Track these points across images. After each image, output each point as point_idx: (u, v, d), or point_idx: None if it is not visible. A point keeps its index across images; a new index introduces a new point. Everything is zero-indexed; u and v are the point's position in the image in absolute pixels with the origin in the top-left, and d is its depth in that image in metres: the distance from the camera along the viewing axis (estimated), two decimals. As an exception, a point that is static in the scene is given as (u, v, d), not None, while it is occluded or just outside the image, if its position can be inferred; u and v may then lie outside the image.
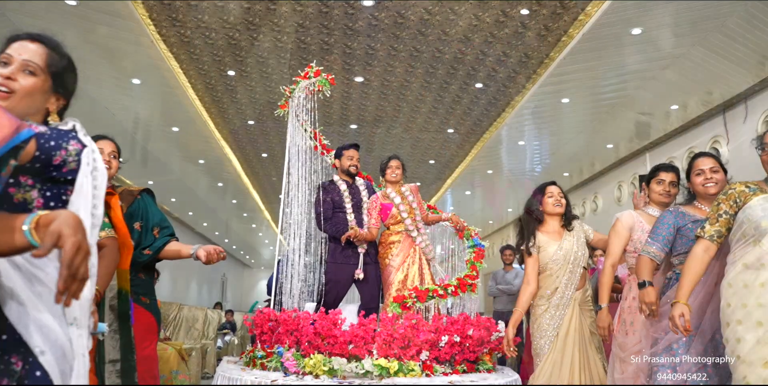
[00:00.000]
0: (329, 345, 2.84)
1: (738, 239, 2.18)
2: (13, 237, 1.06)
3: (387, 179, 3.99)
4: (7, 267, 1.15)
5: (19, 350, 1.14)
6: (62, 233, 1.01)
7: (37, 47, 1.38)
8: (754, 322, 1.98)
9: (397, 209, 3.87)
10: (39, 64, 1.37)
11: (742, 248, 2.14)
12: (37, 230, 1.05)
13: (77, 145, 1.32)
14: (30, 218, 1.06)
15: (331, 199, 3.90)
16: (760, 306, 1.98)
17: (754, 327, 1.97)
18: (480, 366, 3.07)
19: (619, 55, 5.66)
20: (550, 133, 8.22)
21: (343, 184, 3.98)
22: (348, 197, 3.93)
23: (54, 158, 1.27)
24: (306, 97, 3.82)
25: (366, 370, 2.72)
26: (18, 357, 1.14)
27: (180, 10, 5.30)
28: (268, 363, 2.95)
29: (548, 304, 3.10)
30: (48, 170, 1.28)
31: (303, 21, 5.47)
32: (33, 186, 1.28)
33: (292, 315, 3.07)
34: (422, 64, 6.33)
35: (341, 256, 3.81)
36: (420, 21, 5.44)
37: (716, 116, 6.57)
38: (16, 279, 1.15)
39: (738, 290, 2.07)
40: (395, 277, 3.76)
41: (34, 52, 1.37)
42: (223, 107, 7.71)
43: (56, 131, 1.33)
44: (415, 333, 2.88)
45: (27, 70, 1.36)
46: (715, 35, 5.13)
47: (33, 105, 1.38)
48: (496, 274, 6.95)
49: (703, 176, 2.65)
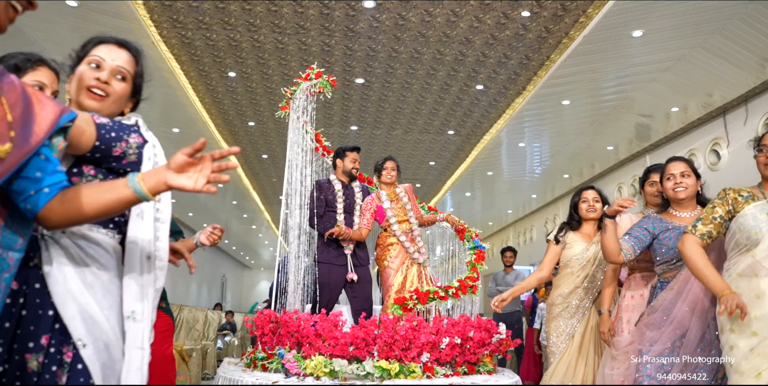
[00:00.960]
0: (330, 347, 2.84)
1: (732, 248, 2.17)
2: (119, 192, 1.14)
3: (382, 181, 3.98)
4: (62, 259, 1.19)
5: (69, 341, 1.17)
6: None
7: (125, 54, 1.43)
8: (749, 332, 1.97)
9: (387, 214, 3.86)
10: (129, 72, 1.43)
11: (735, 257, 2.13)
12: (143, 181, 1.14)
13: (138, 138, 1.37)
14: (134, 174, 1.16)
15: (324, 197, 3.90)
16: (755, 318, 1.97)
17: (748, 336, 1.97)
18: (481, 368, 3.07)
19: (619, 57, 5.67)
20: (551, 134, 8.22)
21: (339, 184, 3.98)
22: (341, 198, 3.93)
23: (114, 150, 1.32)
24: (307, 99, 3.83)
25: (367, 372, 2.72)
26: (68, 347, 1.17)
27: (181, 12, 5.31)
28: (269, 364, 2.96)
29: (566, 304, 3.11)
30: (108, 161, 1.32)
31: (304, 22, 5.48)
32: (95, 176, 1.32)
33: (293, 317, 3.07)
34: (423, 65, 6.34)
35: (328, 256, 3.81)
36: (421, 23, 5.45)
37: (716, 118, 6.58)
38: (68, 267, 1.19)
39: None
40: (395, 279, 3.76)
41: (125, 59, 1.42)
42: (224, 108, 7.72)
43: (118, 123, 1.37)
44: (416, 335, 2.88)
45: (119, 75, 1.41)
46: (716, 38, 5.14)
47: (117, 109, 1.44)
48: (497, 275, 6.96)
49: (673, 180, 2.59)
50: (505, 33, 5.58)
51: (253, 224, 16.66)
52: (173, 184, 1.13)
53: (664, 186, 2.65)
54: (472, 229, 4.05)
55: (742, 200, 2.19)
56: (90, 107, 1.37)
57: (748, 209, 2.14)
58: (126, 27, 5.35)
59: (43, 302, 1.16)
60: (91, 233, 1.26)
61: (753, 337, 1.95)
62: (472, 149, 9.15)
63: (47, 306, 1.16)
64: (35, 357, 1.13)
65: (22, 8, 0.99)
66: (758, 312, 1.97)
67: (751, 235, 2.07)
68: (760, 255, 2.02)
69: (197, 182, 1.12)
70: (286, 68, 6.45)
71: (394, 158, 4.07)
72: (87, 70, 1.38)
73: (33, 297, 1.16)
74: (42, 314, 1.15)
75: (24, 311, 1.15)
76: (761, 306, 1.97)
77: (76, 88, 1.38)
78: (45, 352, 1.14)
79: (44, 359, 1.13)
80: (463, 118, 7.86)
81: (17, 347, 1.13)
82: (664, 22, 4.95)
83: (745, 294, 2.02)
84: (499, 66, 6.28)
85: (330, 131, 8.21)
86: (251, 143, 9.12)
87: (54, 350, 1.15)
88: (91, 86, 1.37)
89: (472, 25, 5.47)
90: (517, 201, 12.28)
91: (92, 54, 1.39)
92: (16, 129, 1.03)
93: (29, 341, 1.13)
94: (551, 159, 9.21)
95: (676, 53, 5.52)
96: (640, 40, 5.28)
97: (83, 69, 1.38)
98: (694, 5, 4.67)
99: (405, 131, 8.45)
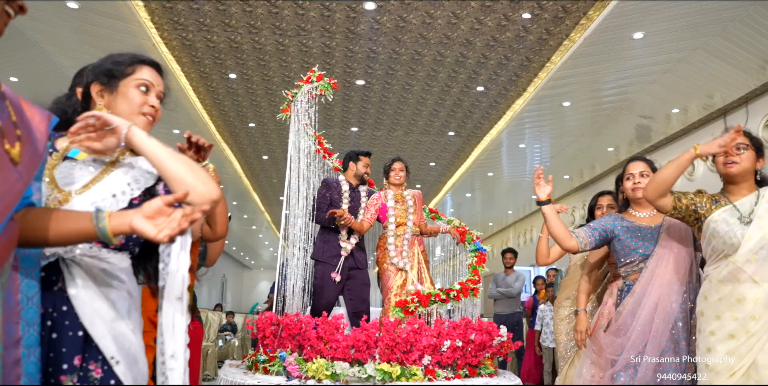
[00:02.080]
0: (332, 350, 2.84)
1: (710, 255, 2.17)
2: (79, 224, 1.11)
3: (390, 182, 3.97)
4: (85, 280, 1.20)
5: (96, 357, 1.19)
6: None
7: (161, 78, 1.47)
8: (727, 334, 1.99)
9: (388, 213, 3.85)
10: (163, 95, 1.48)
11: (715, 262, 2.13)
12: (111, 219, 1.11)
13: None
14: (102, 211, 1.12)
15: (330, 196, 3.91)
16: (735, 320, 1.99)
17: (726, 338, 1.99)
18: (482, 371, 3.08)
19: (620, 59, 5.67)
20: (551, 136, 8.23)
21: (347, 185, 3.99)
22: (347, 199, 3.94)
23: None
24: (309, 101, 3.83)
25: (368, 375, 2.72)
26: (96, 364, 1.19)
27: (182, 14, 5.31)
28: (271, 367, 2.96)
29: (575, 306, 3.10)
30: None
31: (304, 24, 5.48)
32: None
33: (294, 319, 3.07)
34: (423, 67, 6.34)
35: (325, 256, 3.81)
36: (422, 24, 5.45)
37: (717, 119, 6.58)
38: (92, 288, 1.20)
39: (713, 302, 2.07)
40: (394, 281, 3.75)
41: (162, 83, 1.47)
42: (224, 110, 7.72)
43: None
44: (417, 338, 2.88)
45: (160, 100, 1.46)
46: (716, 39, 5.14)
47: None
48: (497, 277, 6.96)
49: (632, 180, 2.58)
50: (506, 35, 5.59)
51: (253, 224, 16.67)
52: (136, 227, 1.08)
53: (624, 186, 2.64)
54: (473, 231, 4.05)
55: (713, 204, 2.21)
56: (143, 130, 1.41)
57: (717, 214, 2.15)
58: (127, 29, 5.36)
59: (72, 324, 1.18)
60: (109, 255, 1.26)
61: (731, 340, 1.98)
62: (472, 150, 9.16)
63: (77, 327, 1.18)
64: (70, 378, 1.16)
65: (14, 13, 0.99)
66: (738, 315, 1.99)
67: (726, 240, 2.08)
68: (740, 261, 2.03)
69: (161, 232, 1.07)
70: (286, 70, 6.46)
71: (402, 159, 4.04)
72: (139, 94, 1.41)
73: (61, 320, 1.18)
74: (72, 335, 1.18)
75: (54, 334, 1.17)
76: (741, 309, 1.99)
77: (128, 110, 1.39)
78: (78, 373, 1.17)
79: (77, 380, 1.17)
80: (463, 119, 7.86)
81: (52, 370, 1.15)
82: (665, 24, 4.95)
83: (727, 298, 2.04)
84: (500, 68, 6.29)
85: (330, 132, 8.22)
86: (252, 144, 9.13)
87: (85, 369, 1.18)
88: (146, 113, 1.41)
89: (472, 27, 5.48)
90: (518, 202, 12.29)
91: (142, 78, 1.42)
92: (21, 129, 1.04)
93: (63, 363, 1.16)
94: (551, 160, 9.21)
95: (676, 55, 5.52)
96: (640, 41, 5.29)
97: (134, 92, 1.41)
98: (694, 7, 4.67)
99: (405, 132, 8.45)
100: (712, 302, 2.08)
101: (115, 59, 1.44)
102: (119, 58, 1.44)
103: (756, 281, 2.00)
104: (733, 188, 2.23)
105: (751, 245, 2.03)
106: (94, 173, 1.31)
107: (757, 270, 2.00)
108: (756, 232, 2.04)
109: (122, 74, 1.41)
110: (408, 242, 3.86)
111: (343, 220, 3.68)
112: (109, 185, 1.29)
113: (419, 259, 3.90)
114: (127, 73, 1.41)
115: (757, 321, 1.95)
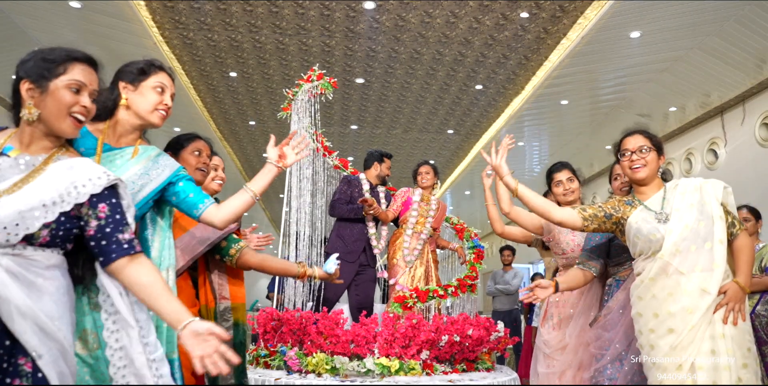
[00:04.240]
0: (332, 344, 2.89)
1: (638, 255, 2.19)
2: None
3: (419, 185, 4.05)
4: (4, 276, 1.20)
5: (24, 352, 1.21)
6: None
7: (95, 74, 1.40)
8: (666, 330, 2.01)
9: (412, 207, 3.91)
10: (97, 92, 1.41)
11: (644, 262, 2.15)
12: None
13: None
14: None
15: (351, 192, 3.96)
16: (670, 315, 2.00)
17: (666, 334, 2.00)
18: (479, 365, 3.12)
19: (618, 57, 5.71)
20: (549, 134, 8.27)
21: (367, 184, 4.06)
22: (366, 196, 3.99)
23: None
24: (308, 100, 3.87)
25: (368, 369, 2.77)
26: (26, 358, 1.21)
27: (183, 13, 5.34)
28: (272, 361, 3.01)
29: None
30: None
31: (304, 23, 5.52)
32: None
33: (295, 315, 3.12)
34: (422, 66, 6.38)
35: (340, 251, 3.85)
36: (420, 23, 5.49)
37: (714, 118, 6.62)
38: (13, 287, 1.20)
39: (648, 301, 2.09)
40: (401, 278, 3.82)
41: (96, 80, 1.40)
42: (225, 108, 7.76)
43: None
44: (415, 333, 2.93)
45: (93, 98, 1.38)
46: (713, 39, 5.18)
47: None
48: (495, 274, 7.00)
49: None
50: (504, 34, 5.62)
51: (253, 222, 16.70)
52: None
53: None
54: (471, 228, 4.10)
55: (628, 207, 2.24)
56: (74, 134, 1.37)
57: (635, 215, 2.18)
58: (128, 28, 5.39)
59: None
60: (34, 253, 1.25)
61: (671, 334, 1.99)
62: (471, 148, 9.20)
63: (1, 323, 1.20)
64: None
65: None
66: (672, 309, 2.01)
67: (651, 238, 2.10)
68: (666, 254, 2.05)
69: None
70: (286, 69, 6.49)
71: (428, 162, 4.14)
72: (69, 95, 1.33)
73: None
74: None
75: None
76: (674, 302, 2.01)
77: (56, 112, 1.32)
78: (8, 367, 1.20)
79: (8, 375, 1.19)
80: (462, 117, 7.90)
81: None
82: (662, 23, 4.99)
83: (660, 294, 2.05)
84: (498, 66, 6.33)
85: (330, 130, 8.25)
86: (252, 142, 9.17)
87: (8, 363, 1.20)
88: (75, 113, 1.34)
89: (471, 26, 5.51)
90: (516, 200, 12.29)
91: (74, 78, 1.34)
92: None
93: None
94: (550, 158, 9.25)
95: (673, 54, 5.56)
96: (638, 40, 5.33)
97: (64, 93, 1.32)
98: (691, 6, 4.71)
99: (405, 130, 8.49)
100: (647, 301, 2.08)
101: (45, 56, 1.33)
102: (50, 56, 1.33)
103: (682, 273, 2.02)
104: (643, 189, 2.27)
105: (675, 237, 2.06)
106: (25, 172, 1.28)
107: (682, 262, 2.03)
108: (677, 224, 2.08)
109: (53, 74, 1.31)
110: (422, 241, 3.93)
111: (372, 209, 3.77)
112: (39, 189, 1.25)
113: (428, 258, 3.97)
114: (58, 73, 1.32)
115: (693, 313, 1.97)
